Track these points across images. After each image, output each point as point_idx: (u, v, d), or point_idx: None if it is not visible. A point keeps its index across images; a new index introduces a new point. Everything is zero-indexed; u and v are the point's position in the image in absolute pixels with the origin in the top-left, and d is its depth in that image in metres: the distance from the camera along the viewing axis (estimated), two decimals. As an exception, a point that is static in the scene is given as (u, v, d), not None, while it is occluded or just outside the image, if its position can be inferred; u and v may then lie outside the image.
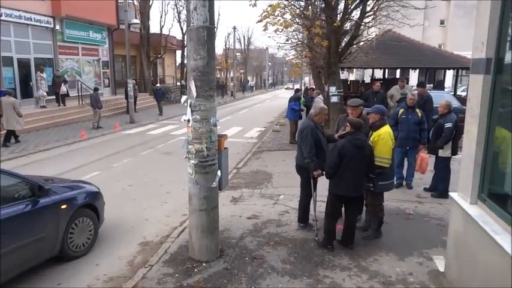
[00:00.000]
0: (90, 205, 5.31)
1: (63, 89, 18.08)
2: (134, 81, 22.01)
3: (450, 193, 4.39)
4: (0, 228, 3.88)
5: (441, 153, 7.11)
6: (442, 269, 4.52)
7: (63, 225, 4.77)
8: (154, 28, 32.93)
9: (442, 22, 43.38)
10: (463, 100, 14.94)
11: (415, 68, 22.02)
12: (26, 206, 4.31)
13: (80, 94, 19.32)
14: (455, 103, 12.34)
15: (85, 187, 5.51)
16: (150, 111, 23.43)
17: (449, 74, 25.82)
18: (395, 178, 6.55)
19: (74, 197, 5.06)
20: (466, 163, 4.01)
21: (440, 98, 12.43)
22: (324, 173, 5.40)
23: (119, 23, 22.80)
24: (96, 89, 17.21)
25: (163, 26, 32.19)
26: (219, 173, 4.70)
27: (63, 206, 4.78)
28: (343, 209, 5.18)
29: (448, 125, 6.90)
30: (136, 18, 24.52)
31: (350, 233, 5.15)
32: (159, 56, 31.60)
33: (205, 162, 4.45)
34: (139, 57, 29.10)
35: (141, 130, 16.68)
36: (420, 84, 11.23)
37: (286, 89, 70.54)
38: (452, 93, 19.00)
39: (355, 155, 4.77)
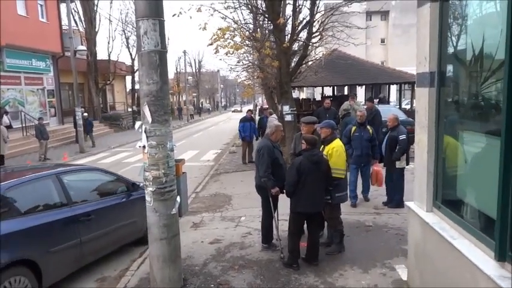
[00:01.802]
0: None
1: (5, 120, 17.08)
2: (83, 109, 21.23)
3: (406, 202, 4.53)
4: (114, 211, 5.63)
5: (398, 164, 7.28)
6: (405, 278, 4.61)
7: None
8: (102, 54, 32.10)
9: (382, 41, 46.05)
10: (407, 112, 15.77)
11: (362, 85, 23.05)
12: (125, 197, 5.89)
13: (23, 125, 18.31)
14: (402, 115, 12.95)
15: None
16: (101, 139, 22.62)
17: (393, 89, 27.22)
18: (349, 197, 6.81)
19: None
20: (419, 172, 4.17)
21: (388, 112, 13.01)
22: (282, 190, 5.44)
23: (64, 50, 22.06)
24: (40, 119, 16.40)
25: (111, 52, 31.52)
26: (178, 199, 4.56)
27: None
28: (305, 226, 5.19)
29: (402, 137, 7.13)
30: (82, 44, 23.89)
31: (314, 250, 5.16)
32: (108, 82, 30.83)
33: (164, 189, 4.31)
34: (88, 84, 28.24)
35: (92, 159, 16.02)
36: (369, 100, 11.73)
37: (233, 111, 61.87)
38: (398, 106, 20.00)
39: (313, 171, 4.84)
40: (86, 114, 20.43)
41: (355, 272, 4.91)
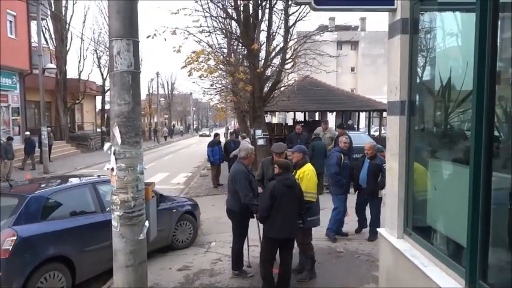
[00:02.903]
0: (191, 212, 7.20)
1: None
2: (49, 128, 20.55)
3: (378, 229, 4.55)
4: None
5: (380, 193, 6.90)
6: (376, 306, 4.59)
7: (173, 224, 6.72)
8: (72, 73, 31.38)
9: (352, 69, 47.55)
10: (376, 139, 16.17)
11: (333, 111, 23.56)
12: None
13: (-16, 143, 17.46)
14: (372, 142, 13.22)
15: (188, 200, 7.76)
16: (67, 160, 21.88)
17: (362, 116, 27.96)
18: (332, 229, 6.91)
19: (181, 205, 7.09)
20: (390, 199, 4.22)
21: (358, 138, 13.32)
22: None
23: (32, 68, 21.47)
24: (9, 139, 15.74)
25: (82, 71, 30.89)
26: (147, 223, 4.39)
27: (174, 211, 6.78)
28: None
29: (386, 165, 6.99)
30: (51, 62, 23.30)
31: (286, 277, 5.02)
32: (77, 101, 30.12)
33: (132, 213, 4.14)
34: (55, 103, 27.42)
35: (57, 181, 15.38)
36: (340, 126, 11.94)
37: (201, 135, 56.98)
38: (367, 133, 20.50)
39: (287, 195, 4.78)
40: (27, 133, 18.93)
41: (327, 300, 4.84)
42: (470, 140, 2.77)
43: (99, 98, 36.47)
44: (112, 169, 4.09)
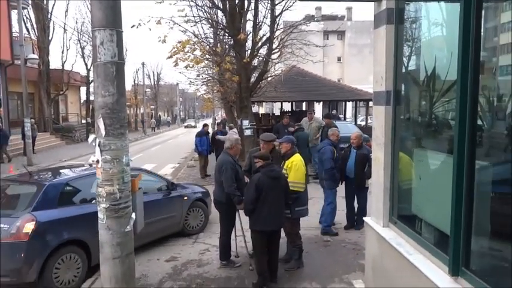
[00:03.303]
0: (202, 200, 7.49)
1: None
2: (33, 120, 20.17)
3: (364, 218, 4.60)
4: (156, 205, 6.47)
5: (367, 183, 6.91)
6: (362, 293, 4.66)
7: (185, 210, 7.07)
8: (55, 63, 30.83)
9: (339, 59, 47.60)
10: (362, 128, 16.29)
11: (319, 101, 23.60)
12: (166, 194, 6.82)
13: (-36, 136, 17.07)
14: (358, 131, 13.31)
15: (199, 188, 7.98)
16: (51, 152, 21.56)
17: (349, 105, 28.10)
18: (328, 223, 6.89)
19: (192, 192, 7.43)
20: (376, 188, 4.26)
21: (345, 128, 13.40)
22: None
23: (14, 58, 20.95)
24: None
25: (65, 62, 30.27)
26: (133, 215, 4.36)
27: (185, 198, 7.12)
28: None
29: None
30: (34, 53, 22.77)
31: (274, 268, 5.05)
32: (61, 92, 29.58)
33: (118, 205, 4.10)
34: (39, 94, 26.89)
35: (41, 173, 15.16)
36: (326, 116, 12.02)
37: (186, 127, 55.74)
38: (354, 122, 20.63)
39: (272, 187, 4.78)
40: None
41: (314, 288, 4.90)
42: (454, 129, 2.80)
43: (83, 89, 35.93)
44: (97, 161, 4.04)
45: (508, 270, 2.60)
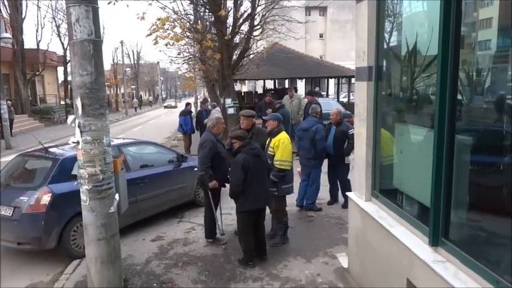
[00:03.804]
0: None
1: None
2: (9, 101, 19.57)
3: (347, 193, 4.68)
4: (165, 176, 6.84)
5: (347, 160, 6.95)
6: (346, 266, 4.78)
7: (195, 181, 7.19)
8: (30, 43, 29.72)
9: (321, 35, 47.25)
10: (345, 105, 16.39)
11: (302, 78, 23.55)
12: (176, 166, 7.14)
13: None
14: (340, 108, 13.39)
15: None
16: (30, 134, 21.04)
17: (331, 82, 28.16)
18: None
19: None
20: (358, 163, 4.32)
21: (328, 105, 13.43)
22: (223, 184, 5.49)
23: (-15, 38, 20.11)
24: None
25: (40, 41, 29.26)
26: (117, 196, 4.33)
27: (196, 169, 6.75)
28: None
29: (352, 131, 6.40)
30: (6, 32, 21.91)
31: (262, 244, 5.09)
32: (38, 73, 28.69)
33: (101, 187, 4.06)
34: (14, 75, 25.99)
35: (21, 156, 14.82)
36: (309, 93, 12.01)
37: (166, 107, 53.24)
38: (336, 99, 20.72)
39: (257, 165, 4.78)
40: None
41: (299, 262, 5.00)
42: (434, 104, 2.83)
43: (61, 69, 34.90)
44: (77, 142, 3.97)
45: (485, 239, 2.70)
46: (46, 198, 5.14)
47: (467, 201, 2.81)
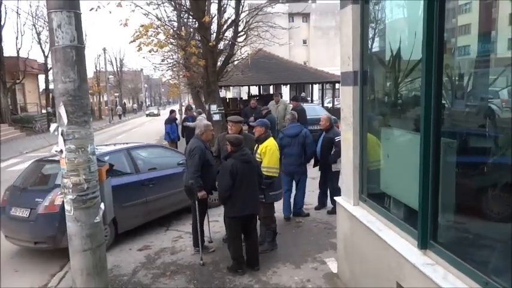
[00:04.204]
0: None
1: None
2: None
3: (335, 197, 4.68)
4: (173, 179, 6.82)
5: (334, 167, 6.75)
6: (335, 271, 4.77)
7: None
8: (10, 51, 29.14)
9: (304, 42, 47.67)
10: (329, 110, 16.50)
11: (286, 84, 23.68)
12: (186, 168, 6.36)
13: None
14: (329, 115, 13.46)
15: None
16: (11, 144, 20.59)
17: (316, 88, 28.36)
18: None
19: None
20: (345, 168, 4.33)
21: (312, 110, 13.52)
22: (211, 192, 5.40)
23: (-37, 46, 19.66)
24: None
25: (20, 49, 28.73)
26: (102, 206, 4.24)
27: None
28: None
29: (339, 138, 6.25)
30: (-15, 39, 21.46)
31: (255, 254, 5.00)
32: (18, 81, 28.13)
33: (86, 196, 3.96)
34: (-7, 84, 25.46)
35: (1, 166, 14.50)
36: (294, 99, 12.08)
37: (148, 115, 50.96)
38: (321, 104, 20.86)
39: (246, 171, 4.74)
40: None
41: (288, 269, 4.97)
42: (420, 107, 2.85)
43: (42, 77, 34.29)
44: (61, 151, 3.88)
45: (473, 240, 2.72)
46: (59, 199, 5.27)
47: (455, 204, 2.84)
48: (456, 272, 2.53)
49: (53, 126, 3.95)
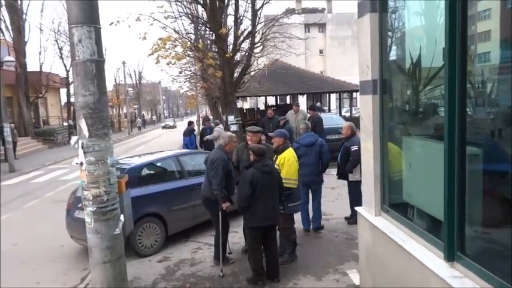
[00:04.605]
0: None
1: None
2: (12, 124, 19.67)
3: (356, 208, 4.59)
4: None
5: (351, 177, 6.70)
6: (357, 283, 4.66)
7: None
8: (33, 66, 30.04)
9: (321, 51, 47.70)
10: (347, 119, 16.34)
11: (303, 94, 23.63)
12: None
13: None
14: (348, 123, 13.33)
15: None
16: (34, 156, 21.10)
17: (333, 97, 28.23)
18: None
19: None
20: (366, 178, 4.24)
21: (330, 119, 13.42)
22: (231, 205, 5.34)
23: (-11, 62, 20.33)
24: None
25: (43, 64, 29.70)
26: (122, 217, 4.26)
27: None
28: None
29: (354, 147, 6.43)
30: (10, 55, 22.15)
31: (274, 265, 4.94)
32: (41, 95, 28.93)
33: (105, 208, 3.99)
34: (17, 98, 26.20)
35: (24, 179, 14.84)
36: (311, 108, 12.00)
37: (164, 127, 49.75)
38: (338, 114, 20.73)
39: (267, 182, 4.71)
40: None
41: (309, 280, 4.88)
42: (444, 116, 2.78)
43: (63, 91, 35.24)
44: (81, 163, 3.92)
45: (504, 252, 2.60)
46: None
47: (482, 214, 2.74)
48: (485, 285, 2.42)
49: (73, 138, 4.02)
